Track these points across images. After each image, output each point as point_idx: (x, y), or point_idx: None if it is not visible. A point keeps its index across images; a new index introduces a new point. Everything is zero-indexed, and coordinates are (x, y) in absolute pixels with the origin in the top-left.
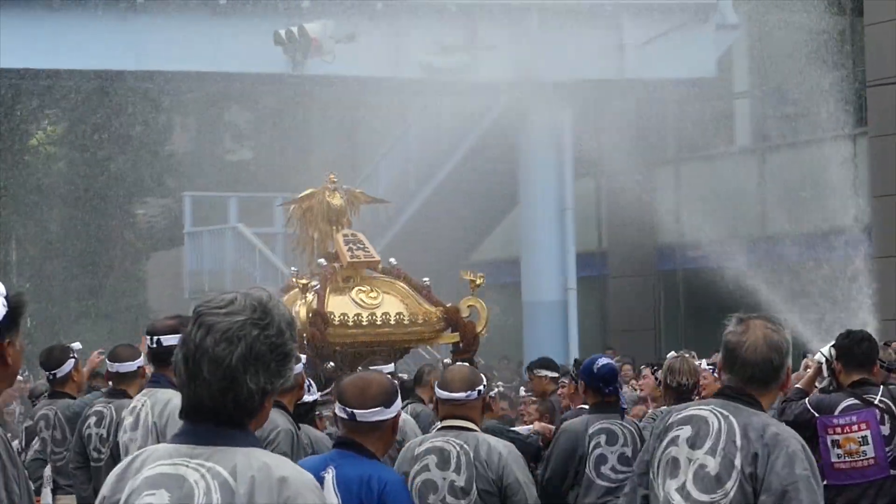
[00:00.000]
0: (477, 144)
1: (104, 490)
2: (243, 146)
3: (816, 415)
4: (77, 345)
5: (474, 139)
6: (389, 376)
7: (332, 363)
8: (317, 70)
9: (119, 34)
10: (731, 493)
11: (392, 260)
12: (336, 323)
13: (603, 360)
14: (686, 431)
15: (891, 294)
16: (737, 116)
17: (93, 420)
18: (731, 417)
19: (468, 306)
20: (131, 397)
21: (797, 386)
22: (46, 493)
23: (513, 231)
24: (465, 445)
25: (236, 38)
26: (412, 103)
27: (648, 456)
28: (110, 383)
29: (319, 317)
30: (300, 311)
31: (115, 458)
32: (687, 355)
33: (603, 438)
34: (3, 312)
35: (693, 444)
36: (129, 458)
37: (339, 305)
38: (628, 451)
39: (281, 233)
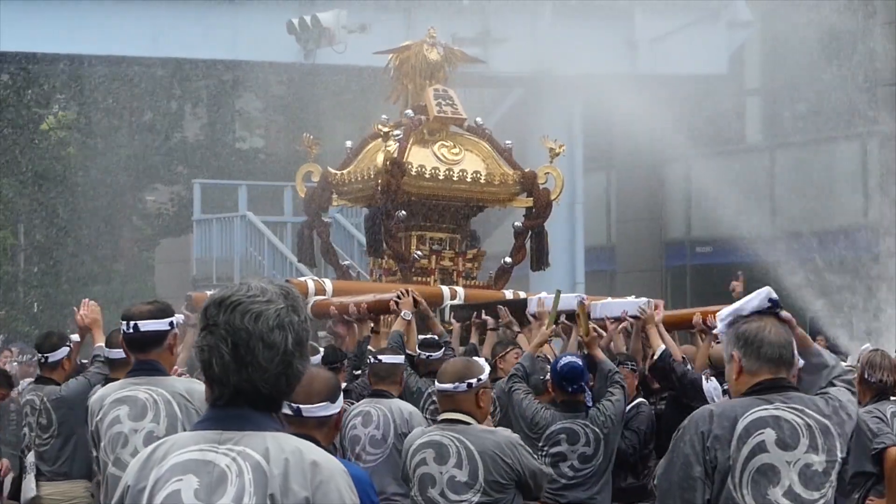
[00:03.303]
0: None
1: (128, 479)
2: (254, 134)
3: None
4: (76, 336)
5: None
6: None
7: (403, 212)
8: (328, 60)
9: (134, 21)
10: (834, 481)
11: (478, 119)
12: (413, 173)
13: (567, 359)
14: (769, 435)
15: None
16: (748, 113)
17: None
18: (806, 410)
19: (545, 173)
20: None
21: None
22: (30, 479)
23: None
24: (462, 439)
25: (250, 26)
26: None
27: (705, 466)
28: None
29: (396, 165)
30: (378, 157)
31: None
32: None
33: (563, 437)
34: None
35: (785, 445)
36: (152, 446)
37: (420, 157)
38: (589, 451)
39: (290, 221)
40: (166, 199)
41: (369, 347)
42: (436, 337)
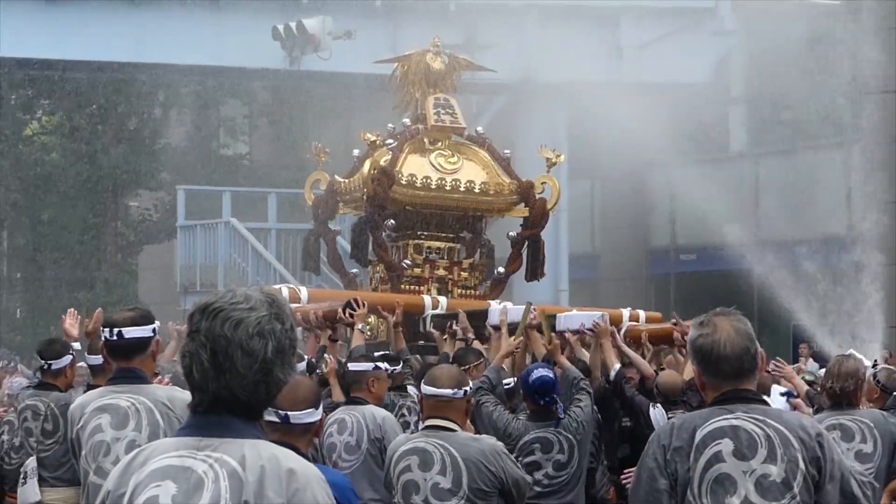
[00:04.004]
0: None
1: (109, 485)
2: (238, 141)
3: None
4: (77, 344)
5: None
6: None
7: (392, 221)
8: (313, 66)
9: (118, 26)
10: (798, 496)
11: (479, 128)
12: (403, 182)
13: (539, 372)
14: (727, 445)
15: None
16: (732, 121)
17: None
18: (767, 420)
19: (542, 183)
20: None
21: None
22: (33, 483)
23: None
24: (447, 445)
25: (235, 32)
26: None
27: (669, 479)
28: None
29: (384, 174)
30: (365, 166)
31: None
32: (852, 356)
33: (538, 447)
34: None
35: (742, 455)
36: (134, 452)
37: (414, 166)
38: (563, 458)
39: (274, 228)
40: (150, 206)
41: (325, 356)
42: (390, 352)
